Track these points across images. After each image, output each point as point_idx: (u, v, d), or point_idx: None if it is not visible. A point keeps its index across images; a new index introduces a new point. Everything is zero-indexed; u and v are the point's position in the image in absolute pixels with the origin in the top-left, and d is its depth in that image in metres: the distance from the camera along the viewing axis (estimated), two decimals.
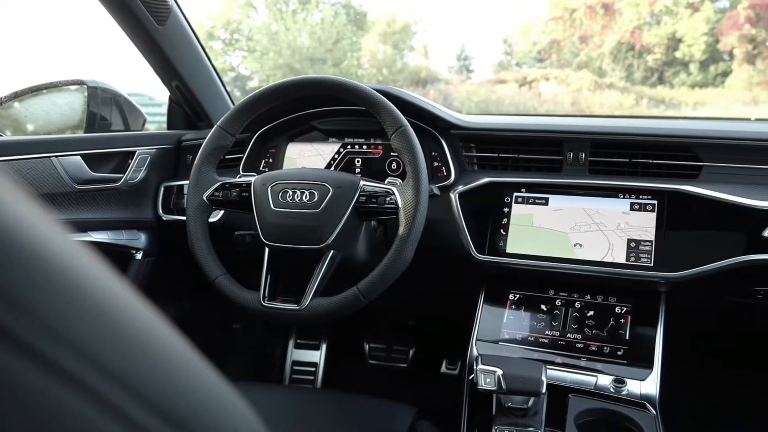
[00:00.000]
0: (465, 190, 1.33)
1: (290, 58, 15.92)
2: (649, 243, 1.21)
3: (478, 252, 1.30)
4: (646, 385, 1.13)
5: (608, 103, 12.41)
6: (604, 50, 14.03)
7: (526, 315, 1.28)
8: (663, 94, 12.97)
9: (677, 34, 13.30)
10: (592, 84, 13.27)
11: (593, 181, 1.29)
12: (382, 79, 15.92)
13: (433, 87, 14.46)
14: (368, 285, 1.11)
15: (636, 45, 13.84)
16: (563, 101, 12.81)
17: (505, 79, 14.36)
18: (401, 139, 1.13)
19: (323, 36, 16.05)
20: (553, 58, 14.80)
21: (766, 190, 1.22)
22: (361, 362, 2.07)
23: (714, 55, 13.03)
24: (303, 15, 16.75)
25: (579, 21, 14.48)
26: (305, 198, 1.16)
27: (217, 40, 16.92)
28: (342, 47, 16.30)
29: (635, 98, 12.67)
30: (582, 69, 13.88)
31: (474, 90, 14.31)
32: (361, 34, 17.00)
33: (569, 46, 14.61)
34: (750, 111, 11.93)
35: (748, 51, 12.56)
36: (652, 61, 13.77)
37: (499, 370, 1.01)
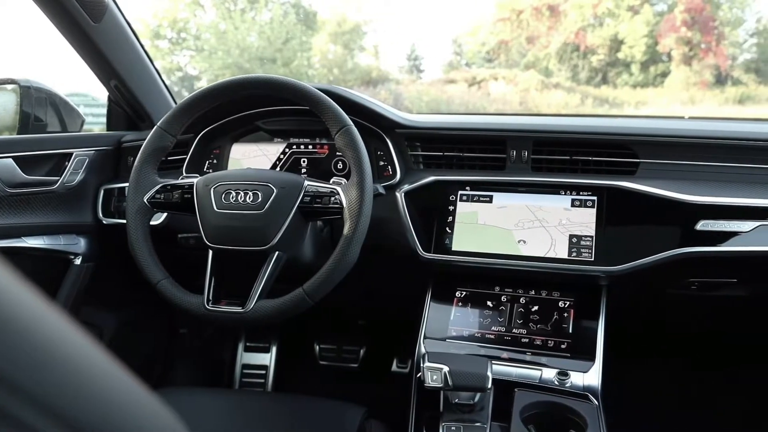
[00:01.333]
0: (411, 189, 1.34)
1: (239, 57, 15.70)
2: (590, 238, 1.24)
3: (424, 250, 1.31)
4: (589, 376, 1.16)
5: (555, 102, 12.71)
6: (551, 51, 14.36)
7: (473, 312, 1.29)
8: (607, 94, 13.37)
9: (619, 36, 13.73)
10: (539, 84, 13.56)
11: (536, 179, 1.31)
12: (333, 79, 15.89)
13: (384, 87, 14.51)
14: (314, 285, 1.10)
15: (581, 46, 14.22)
16: (512, 101, 13.05)
17: (455, 79, 14.53)
18: (345, 139, 1.13)
19: (272, 35, 15.90)
20: (501, 59, 15.06)
21: (700, 185, 1.27)
22: (312, 364, 2.06)
23: (654, 57, 13.51)
24: (252, 14, 16.56)
25: (526, 22, 14.78)
26: (249, 199, 1.14)
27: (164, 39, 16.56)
28: (292, 47, 16.18)
29: (581, 98, 13.02)
30: (529, 69, 14.17)
31: (424, 90, 14.43)
32: (311, 34, 16.91)
33: (517, 46, 14.89)
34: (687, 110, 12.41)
35: (685, 53, 13.07)
36: (596, 62, 14.17)
37: (445, 367, 1.01)
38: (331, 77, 16.24)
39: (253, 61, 15.61)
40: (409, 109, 1.46)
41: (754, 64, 13.25)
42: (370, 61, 17.26)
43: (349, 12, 17.38)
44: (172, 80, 15.44)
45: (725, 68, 13.03)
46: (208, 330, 2.07)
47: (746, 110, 12.34)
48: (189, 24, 16.94)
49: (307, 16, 17.26)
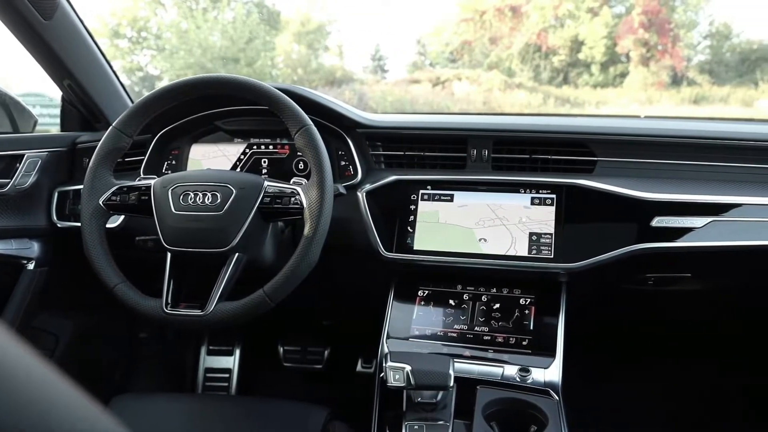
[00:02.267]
0: (372, 189, 1.34)
1: (201, 57, 15.48)
2: (549, 236, 1.26)
3: (386, 250, 1.31)
4: (550, 372, 1.17)
5: (518, 102, 12.87)
6: (513, 51, 14.53)
7: (435, 310, 1.30)
8: (568, 94, 13.61)
9: (579, 37, 13.98)
10: (503, 84, 13.72)
11: (496, 177, 1.33)
12: (297, 79, 15.79)
13: (349, 87, 14.48)
14: (274, 287, 1.09)
15: (542, 47, 14.43)
16: (475, 100, 13.16)
17: (419, 79, 14.59)
18: (304, 139, 1.12)
19: (235, 35, 15.72)
20: (464, 59, 15.18)
21: (655, 182, 1.30)
22: (276, 366, 2.04)
23: (613, 57, 13.80)
24: (214, 13, 16.34)
25: (489, 23, 14.93)
26: (207, 200, 1.13)
27: (123, 38, 16.22)
28: (255, 47, 16.02)
29: (543, 97, 13.21)
30: (492, 69, 14.32)
31: (389, 90, 14.45)
32: (274, 34, 16.77)
33: (480, 47, 15.03)
34: (646, 110, 12.71)
35: (643, 54, 13.38)
36: (558, 62, 14.40)
37: (407, 367, 1.02)
38: (295, 77, 16.14)
39: (215, 61, 15.41)
40: (373, 109, 1.46)
41: (708, 66, 13.66)
42: (334, 61, 17.21)
43: (312, 11, 17.30)
44: (132, 80, 15.14)
45: (681, 69, 13.39)
46: (169, 334, 2.04)
47: (701, 110, 12.70)
48: (150, 23, 16.63)
49: (271, 15, 17.12)
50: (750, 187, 1.30)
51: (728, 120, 1.89)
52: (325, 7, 18.81)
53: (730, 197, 1.26)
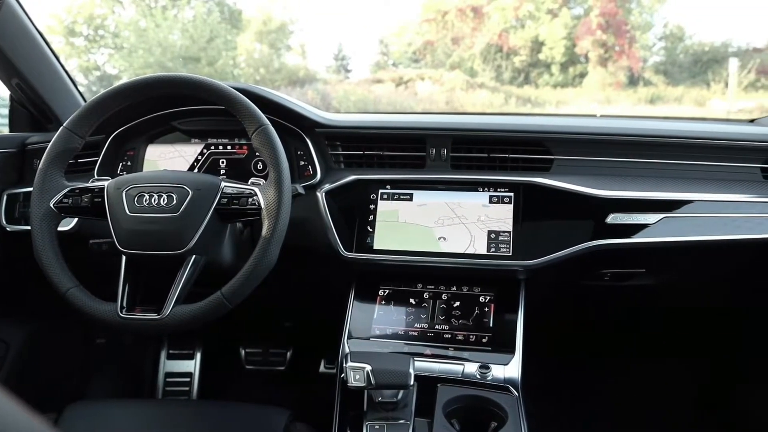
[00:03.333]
0: (331, 189, 1.34)
1: (161, 56, 15.20)
2: (508, 234, 1.27)
3: (345, 250, 1.31)
4: (509, 369, 1.18)
5: (480, 101, 13.00)
6: (475, 51, 14.67)
7: (396, 309, 1.30)
8: (529, 94, 13.80)
9: (540, 38, 14.20)
10: (465, 84, 13.84)
11: (455, 176, 1.33)
12: (260, 78, 15.64)
13: (311, 87, 14.41)
14: (232, 289, 1.07)
15: (504, 47, 14.60)
16: (438, 100, 13.24)
17: (382, 79, 14.61)
18: (261, 139, 1.11)
19: (196, 34, 15.48)
20: (427, 59, 15.26)
21: (610, 180, 1.32)
22: (238, 368, 2.02)
23: (572, 58, 14.06)
24: (174, 12, 16.07)
25: (451, 23, 15.04)
26: (163, 201, 1.11)
27: (79, 37, 15.81)
28: (216, 46, 15.80)
29: (504, 97, 13.37)
30: (455, 69, 14.44)
31: (352, 89, 14.42)
32: (236, 33, 16.57)
33: (442, 47, 15.13)
34: (603, 109, 12.98)
35: (601, 55, 13.67)
36: (519, 63, 14.60)
37: (367, 366, 1.01)
38: (257, 77, 15.98)
39: (176, 60, 15.15)
40: (336, 109, 1.46)
41: (663, 66, 14.03)
42: (297, 60, 17.10)
43: (274, 11, 17.16)
44: (90, 79, 14.77)
45: (637, 70, 13.73)
46: (127, 339, 2.00)
47: (656, 109, 13.02)
48: (107, 21, 16.26)
49: (232, 14, 16.91)
50: (701, 184, 1.34)
51: (681, 119, 1.94)
52: (288, 6, 18.69)
53: (681, 194, 1.30)
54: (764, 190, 1.34)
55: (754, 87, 11.85)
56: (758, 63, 12.06)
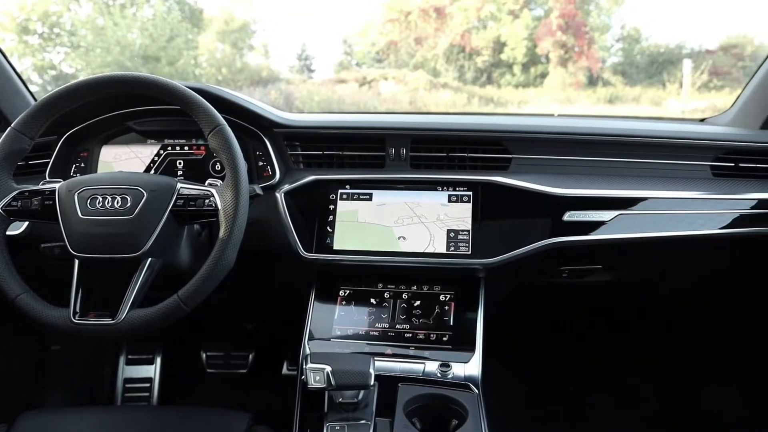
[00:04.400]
0: (290, 189, 1.33)
1: (120, 55, 14.85)
2: (467, 232, 1.28)
3: (305, 250, 1.30)
4: (470, 367, 1.19)
5: (443, 101, 13.05)
6: (438, 52, 14.74)
7: (357, 310, 1.30)
8: (492, 94, 13.92)
9: (501, 38, 14.35)
10: (428, 84, 13.89)
11: (414, 176, 1.34)
12: (222, 78, 15.41)
13: (275, 87, 14.27)
14: (189, 291, 1.06)
15: (466, 47, 14.70)
16: (402, 100, 13.26)
17: (346, 79, 14.56)
18: (218, 139, 1.09)
19: (156, 33, 15.18)
20: (390, 59, 15.27)
21: (567, 178, 1.35)
22: (199, 372, 1.99)
23: (533, 58, 14.24)
24: (132, 10, 15.73)
25: (414, 23, 15.08)
26: (117, 204, 1.08)
27: (34, 35, 15.35)
28: (177, 45, 15.52)
29: (467, 97, 13.46)
30: (418, 69, 14.48)
31: (315, 89, 14.33)
32: (197, 32, 16.30)
33: (405, 47, 15.17)
34: (564, 109, 13.20)
35: (561, 55, 13.89)
36: (481, 63, 14.72)
37: (327, 367, 1.01)
38: (219, 77, 15.75)
39: (135, 60, 14.82)
40: (300, 109, 1.45)
41: (621, 67, 14.31)
42: (259, 60, 16.90)
43: (237, 10, 16.95)
44: (45, 79, 14.35)
45: (596, 70, 13.97)
46: (83, 345, 1.95)
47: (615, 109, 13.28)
48: (62, 18, 15.82)
49: (193, 13, 16.63)
50: (654, 182, 1.37)
51: (635, 118, 1.99)
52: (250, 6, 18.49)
53: (636, 192, 1.33)
54: (714, 187, 1.38)
55: (707, 87, 12.20)
56: (710, 64, 12.42)
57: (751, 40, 12.41)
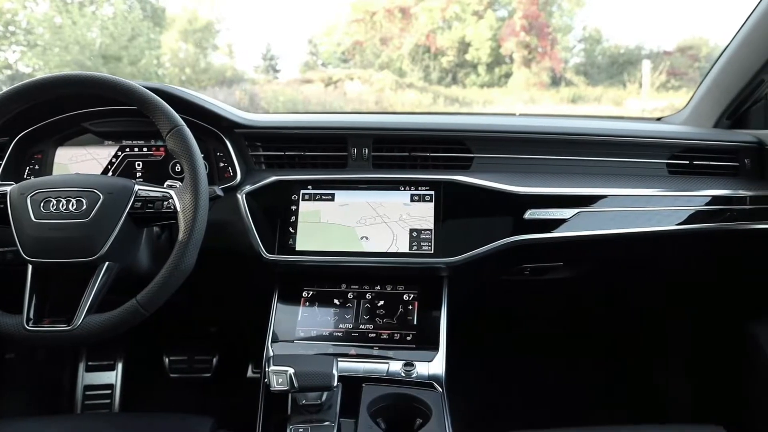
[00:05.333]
0: (252, 190, 1.32)
1: (79, 54, 14.52)
2: (429, 231, 1.29)
3: (267, 251, 1.29)
4: (433, 365, 1.20)
5: (409, 101, 13.12)
6: (403, 52, 14.80)
7: (320, 311, 1.29)
8: (457, 94, 14.04)
9: (466, 39, 14.48)
10: (394, 84, 13.94)
11: (376, 176, 1.34)
12: (185, 78, 15.20)
13: (239, 87, 14.13)
14: (148, 295, 1.04)
15: (431, 48, 14.80)
16: (368, 100, 13.28)
17: (312, 79, 14.51)
18: (176, 140, 1.08)
19: (116, 32, 14.88)
20: (356, 59, 15.28)
21: (528, 177, 1.36)
22: (162, 377, 1.96)
23: (498, 59, 14.41)
24: (92, 8, 15.39)
25: (379, 23, 15.11)
26: (72, 207, 1.06)
27: None
28: (139, 44, 15.24)
29: (433, 97, 13.55)
30: (384, 69, 14.52)
31: (281, 90, 14.25)
32: (159, 31, 16.03)
33: (371, 47, 15.19)
34: (529, 108, 13.38)
35: (525, 56, 14.09)
36: (446, 63, 14.83)
37: (290, 369, 1.00)
38: (183, 77, 15.52)
39: (95, 59, 14.50)
40: (265, 110, 1.44)
41: (583, 67, 14.62)
42: (224, 60, 16.72)
43: (200, 9, 16.73)
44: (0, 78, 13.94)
45: (559, 71, 14.23)
46: (40, 353, 1.89)
47: (578, 108, 13.54)
48: (18, 16, 15.39)
49: (155, 12, 16.35)
50: (613, 180, 1.40)
51: (596, 117, 2.03)
52: (213, 5, 18.26)
53: (595, 189, 1.36)
54: (669, 184, 1.41)
55: (665, 87, 12.55)
56: (668, 65, 12.79)
57: (706, 42, 12.80)
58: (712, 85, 1.59)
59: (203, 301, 1.61)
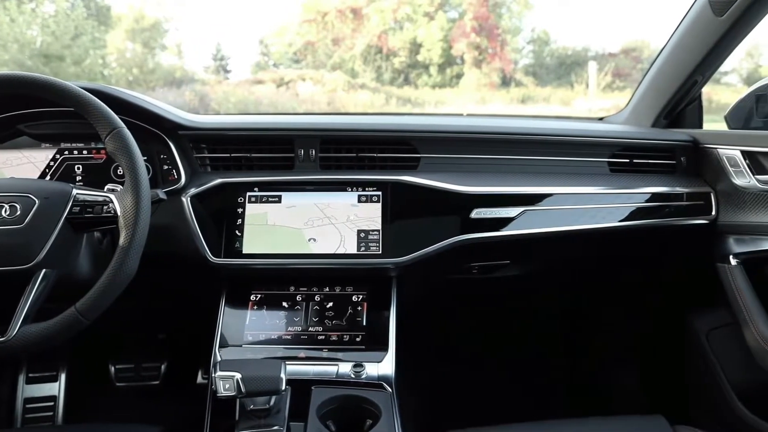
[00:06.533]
0: (197, 193, 1.29)
1: (18, 53, 13.98)
2: (377, 232, 1.29)
3: (213, 255, 1.27)
4: (383, 366, 1.20)
5: (361, 102, 13.13)
6: (356, 53, 14.80)
7: (269, 314, 1.28)
8: (409, 94, 14.12)
9: (418, 40, 14.58)
10: (346, 84, 13.92)
11: (323, 177, 1.34)
12: (133, 79, 14.80)
13: (189, 88, 13.87)
14: (88, 303, 1.00)
15: (383, 48, 14.84)
16: (320, 101, 13.22)
17: (263, 80, 14.35)
18: (115, 143, 1.05)
19: (59, 30, 14.39)
20: (308, 59, 15.19)
21: (474, 177, 1.38)
22: (108, 387, 1.90)
23: (449, 59, 14.56)
24: (32, 5, 14.84)
25: (331, 24, 15.06)
26: (5, 213, 1.02)
27: None
28: (83, 43, 14.78)
29: (385, 98, 13.59)
30: (336, 70, 14.48)
31: (231, 90, 14.04)
32: (104, 30, 15.58)
33: (323, 47, 15.12)
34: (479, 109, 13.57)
35: (475, 57, 14.28)
36: (398, 64, 14.90)
37: (237, 375, 0.99)
38: (130, 77, 15.11)
39: (36, 58, 13.98)
40: (216, 111, 1.41)
41: (532, 68, 14.93)
42: (173, 60, 16.37)
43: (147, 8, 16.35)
44: None
45: (509, 71, 14.47)
46: None
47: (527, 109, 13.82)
48: None
49: (99, 10, 15.88)
50: (557, 178, 1.43)
51: (541, 117, 2.07)
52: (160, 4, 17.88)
53: (540, 188, 1.38)
54: (611, 182, 1.45)
55: (611, 88, 12.93)
56: (613, 66, 13.18)
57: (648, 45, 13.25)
58: (650, 86, 1.65)
59: (149, 307, 1.57)
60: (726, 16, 1.36)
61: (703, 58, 1.47)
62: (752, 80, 1.57)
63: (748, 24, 1.39)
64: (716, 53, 1.47)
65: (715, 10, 1.37)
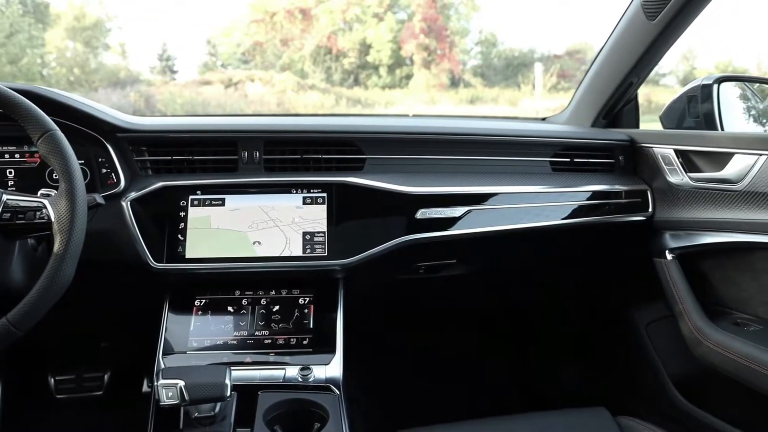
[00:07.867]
0: (138, 197, 1.26)
1: None
2: (323, 234, 1.28)
3: (155, 261, 1.24)
4: (331, 368, 1.20)
5: (311, 103, 13.07)
6: (305, 53, 14.71)
7: (214, 319, 1.26)
8: (359, 95, 14.14)
9: (367, 41, 14.61)
10: (296, 85, 13.83)
11: (267, 179, 1.32)
12: (74, 79, 14.31)
13: (134, 88, 13.51)
14: (20, 313, 0.96)
15: (333, 49, 14.80)
16: (269, 102, 13.09)
17: (211, 81, 14.11)
18: (48, 146, 1.01)
19: None
20: (257, 60, 15.02)
21: (419, 177, 1.39)
22: (48, 399, 1.83)
23: (398, 60, 14.65)
24: None
25: (280, 24, 14.93)
26: None
27: None
28: (19, 42, 14.21)
29: (335, 99, 13.56)
30: (285, 71, 14.37)
31: (178, 91, 13.74)
32: (42, 28, 15.02)
33: (272, 48, 14.98)
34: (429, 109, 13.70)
35: (425, 58, 14.42)
36: (348, 65, 14.89)
37: (180, 382, 0.97)
38: (71, 77, 14.61)
39: None
40: (162, 112, 1.37)
41: (480, 69, 15.17)
42: (117, 60, 15.90)
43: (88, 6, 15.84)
44: None
45: (458, 72, 14.67)
46: None
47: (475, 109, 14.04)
48: None
49: (37, 7, 15.30)
50: (502, 178, 1.46)
51: (486, 117, 2.10)
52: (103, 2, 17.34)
53: (485, 188, 1.40)
54: (553, 181, 1.49)
55: (556, 89, 13.28)
56: (558, 68, 13.54)
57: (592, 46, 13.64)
58: (589, 87, 1.70)
59: (89, 315, 1.52)
60: (658, 20, 1.41)
61: (638, 60, 1.52)
62: (688, 82, 1.63)
63: (679, 27, 1.44)
64: (650, 56, 1.52)
65: (647, 14, 1.42)
